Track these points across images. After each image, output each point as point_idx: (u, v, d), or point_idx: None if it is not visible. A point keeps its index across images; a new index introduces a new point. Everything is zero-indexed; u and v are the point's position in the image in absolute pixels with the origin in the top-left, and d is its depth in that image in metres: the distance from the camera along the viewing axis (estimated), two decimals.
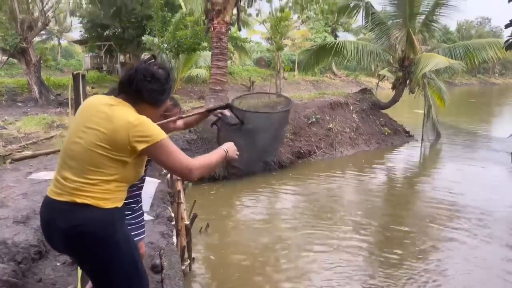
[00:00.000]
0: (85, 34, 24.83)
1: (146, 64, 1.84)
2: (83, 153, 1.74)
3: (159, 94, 1.85)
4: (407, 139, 12.79)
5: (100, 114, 1.76)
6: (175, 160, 1.79)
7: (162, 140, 1.75)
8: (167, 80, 1.87)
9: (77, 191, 1.72)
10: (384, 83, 29.49)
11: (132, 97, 1.82)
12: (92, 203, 1.72)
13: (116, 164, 1.74)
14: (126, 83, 1.82)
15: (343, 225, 5.91)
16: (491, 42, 12.83)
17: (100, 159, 1.72)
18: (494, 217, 6.28)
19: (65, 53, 41.26)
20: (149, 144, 1.71)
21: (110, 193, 1.76)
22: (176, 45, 16.81)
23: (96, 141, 1.72)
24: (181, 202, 4.10)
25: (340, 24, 39.28)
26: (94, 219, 1.73)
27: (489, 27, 66.83)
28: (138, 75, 1.80)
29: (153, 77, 1.81)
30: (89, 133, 1.74)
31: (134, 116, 1.74)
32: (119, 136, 1.70)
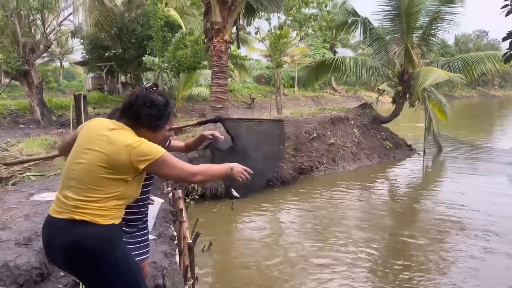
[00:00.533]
0: (87, 55, 25.14)
1: (147, 91, 1.97)
2: (85, 172, 1.81)
3: (157, 119, 1.96)
4: (409, 153, 12.76)
5: (102, 137, 1.84)
6: (177, 170, 1.89)
7: (162, 156, 1.85)
8: (166, 106, 1.99)
9: (76, 208, 1.79)
10: (384, 97, 29.57)
11: (132, 121, 1.92)
12: (89, 220, 1.78)
13: (116, 182, 1.82)
14: (126, 108, 1.94)
15: (348, 240, 5.85)
16: (489, 54, 12.93)
17: (101, 178, 1.80)
18: (499, 229, 6.21)
19: (67, 75, 41.74)
20: (151, 161, 1.81)
21: (108, 210, 1.82)
22: (177, 64, 16.98)
23: (98, 162, 1.80)
24: (184, 221, 4.07)
25: (339, 40, 39.70)
26: (91, 234, 1.78)
27: (487, 40, 67.46)
28: (138, 101, 1.92)
29: (152, 103, 1.93)
30: (91, 154, 1.83)
31: (133, 138, 1.85)
32: (120, 157, 1.80)
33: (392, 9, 12.45)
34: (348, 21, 13.50)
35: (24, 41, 15.11)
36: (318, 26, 17.91)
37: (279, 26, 18.69)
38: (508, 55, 4.41)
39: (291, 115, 12.96)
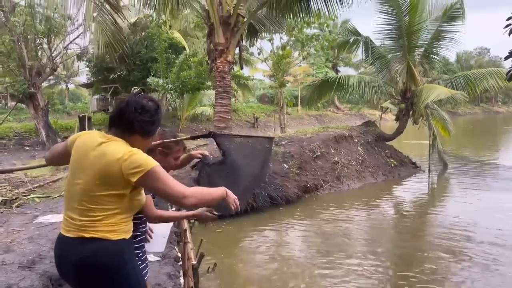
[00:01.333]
0: (92, 78, 25.48)
1: (137, 97, 1.93)
2: (83, 194, 1.81)
3: (149, 125, 1.92)
4: (414, 170, 12.69)
5: (92, 154, 1.83)
6: (168, 186, 1.81)
7: (154, 167, 1.79)
8: (157, 111, 1.95)
9: (84, 227, 1.80)
10: (387, 115, 29.68)
11: (123, 129, 1.89)
12: (100, 236, 1.79)
13: (113, 198, 1.80)
14: (117, 116, 1.91)
15: (355, 259, 5.76)
16: (491, 71, 12.98)
17: (98, 196, 1.79)
18: (507, 245, 6.11)
19: (72, 97, 42.22)
20: (143, 173, 1.76)
21: (116, 225, 1.82)
22: (181, 85, 17.17)
23: (93, 181, 1.79)
24: (188, 242, 4.04)
25: (341, 59, 40.10)
26: (103, 249, 1.79)
27: (489, 57, 67.90)
28: (129, 108, 1.87)
29: (143, 109, 1.89)
30: (86, 174, 1.82)
31: (124, 150, 1.80)
32: (112, 171, 1.77)
33: (393, 28, 12.59)
34: (350, 40, 13.65)
35: (30, 64, 15.37)
36: (320, 45, 18.15)
37: (281, 46, 18.94)
38: (511, 73, 4.43)
39: (295, 133, 12.97)
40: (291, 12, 9.00)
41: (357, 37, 13.43)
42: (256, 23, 10.92)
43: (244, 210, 7.73)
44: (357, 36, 13.45)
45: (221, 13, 9.18)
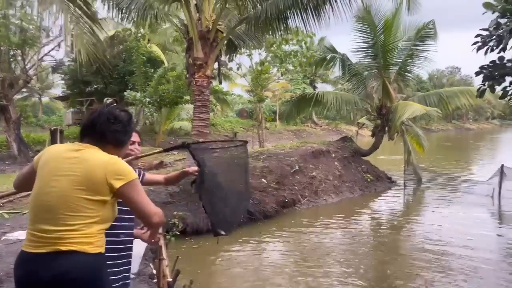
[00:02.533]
0: (67, 90, 25.01)
1: (109, 108, 1.95)
2: (59, 200, 1.73)
3: (121, 135, 1.94)
4: (390, 185, 12.89)
5: (70, 160, 1.78)
6: (144, 201, 1.81)
7: (136, 179, 1.83)
8: (129, 121, 1.98)
9: (60, 239, 1.69)
10: (364, 130, 30.11)
11: (96, 140, 1.87)
12: (77, 249, 1.70)
13: (95, 205, 1.75)
14: (89, 127, 1.90)
15: (333, 274, 5.75)
16: (463, 90, 13.47)
17: (78, 202, 1.73)
18: (480, 260, 6.24)
19: (46, 110, 41.29)
20: (125, 182, 1.77)
21: (93, 236, 1.75)
22: (159, 99, 17.04)
23: (72, 186, 1.73)
24: (163, 258, 3.94)
25: (318, 76, 40.74)
26: (81, 265, 1.70)
27: (460, 75, 70.40)
28: (101, 118, 1.89)
29: (116, 119, 1.91)
30: (62, 180, 1.75)
31: (107, 155, 1.82)
32: (95, 175, 1.75)
33: (369, 46, 12.92)
34: (327, 57, 13.90)
35: (3, 76, 14.97)
36: (298, 62, 18.40)
37: (260, 62, 19.10)
38: (482, 90, 4.58)
39: (273, 148, 13.02)
40: (270, 29, 9.10)
41: (334, 54, 13.70)
42: (235, 38, 10.99)
43: None
44: (334, 53, 13.72)
45: (200, 28, 9.20)
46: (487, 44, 4.17)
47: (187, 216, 7.45)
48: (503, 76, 4.35)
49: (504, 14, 3.95)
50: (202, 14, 9.29)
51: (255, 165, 9.90)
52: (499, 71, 4.31)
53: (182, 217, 7.34)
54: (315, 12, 8.32)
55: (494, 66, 4.36)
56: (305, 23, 8.60)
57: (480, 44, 4.21)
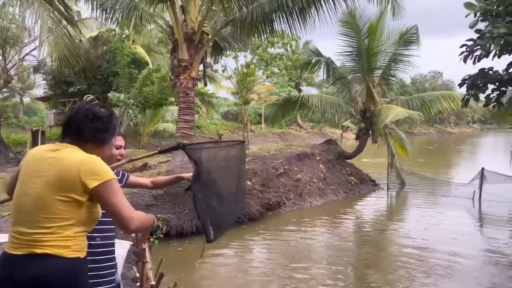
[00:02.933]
0: (49, 91, 24.57)
1: (88, 105, 1.87)
2: (35, 202, 1.68)
3: (101, 132, 1.85)
4: (373, 188, 13.02)
5: (47, 161, 1.73)
6: (122, 204, 1.72)
7: (113, 179, 1.73)
8: (110, 118, 1.88)
9: (36, 242, 1.65)
10: (348, 134, 30.43)
11: (75, 138, 1.80)
12: (53, 252, 1.64)
13: (69, 207, 1.68)
14: (68, 124, 1.83)
15: (317, 276, 5.77)
16: (445, 94, 13.70)
17: (52, 204, 1.67)
18: (461, 258, 6.40)
19: (27, 110, 40.52)
20: (100, 182, 1.68)
21: (70, 239, 1.69)
22: (143, 100, 16.88)
23: (46, 187, 1.68)
24: (147, 261, 3.89)
25: (303, 79, 40.99)
26: (56, 269, 1.64)
27: (441, 80, 71.72)
28: (79, 115, 1.81)
29: (95, 116, 1.82)
30: (38, 181, 1.71)
31: (85, 154, 1.75)
32: (69, 174, 1.68)
33: (354, 50, 13.05)
34: (312, 60, 14.00)
35: None
36: (283, 65, 18.48)
37: (246, 64, 19.11)
38: (466, 99, 4.69)
39: (258, 151, 13.02)
40: (255, 31, 9.12)
41: (319, 57, 13.79)
42: (221, 40, 10.97)
43: None
44: (319, 56, 13.81)
45: (186, 30, 9.16)
46: (473, 53, 4.27)
47: (171, 218, 7.39)
48: (486, 84, 4.47)
49: (485, 16, 4.04)
50: (187, 15, 9.25)
51: None
52: (482, 79, 4.42)
53: (166, 220, 7.27)
54: (300, 15, 8.38)
55: (477, 75, 4.47)
56: (291, 26, 8.65)
57: (466, 54, 4.30)
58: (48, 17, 6.94)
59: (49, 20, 7.00)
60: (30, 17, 7.34)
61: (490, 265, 6.31)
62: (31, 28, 15.69)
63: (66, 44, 7.21)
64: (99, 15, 9.56)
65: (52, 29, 7.08)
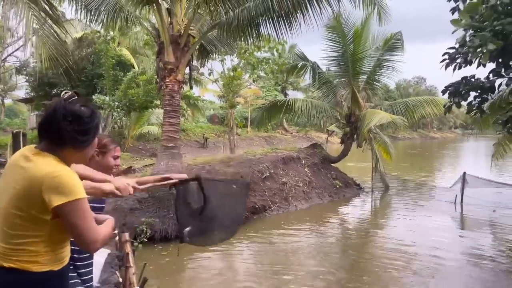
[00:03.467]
0: (32, 93, 24.15)
1: (66, 103, 1.63)
2: (3, 216, 1.57)
3: (82, 134, 1.63)
4: (358, 192, 13.12)
5: (17, 170, 1.58)
6: (89, 227, 1.57)
7: (83, 199, 1.56)
8: (91, 118, 1.66)
9: (5, 256, 1.56)
10: (333, 138, 30.65)
11: (52, 141, 1.61)
12: (19, 267, 1.54)
13: (29, 223, 1.54)
14: (44, 125, 1.62)
15: (302, 279, 5.78)
16: (428, 99, 13.93)
17: (15, 219, 1.54)
18: (443, 260, 6.49)
19: (9, 112, 39.74)
20: (66, 200, 1.50)
21: (40, 255, 1.57)
22: (128, 103, 16.72)
23: (10, 201, 1.55)
24: (130, 266, 3.84)
25: (289, 83, 41.18)
26: (22, 282, 1.55)
27: (425, 86, 72.91)
28: (56, 115, 1.58)
29: (74, 116, 1.60)
30: (6, 193, 1.58)
31: (54, 166, 1.55)
32: (32, 188, 1.51)
33: (339, 55, 13.18)
34: (298, 65, 14.08)
35: None
36: (270, 69, 18.55)
37: (232, 68, 19.11)
38: (449, 106, 4.79)
39: (244, 154, 13.01)
40: (242, 35, 9.14)
41: (305, 62, 13.89)
42: (208, 44, 10.96)
43: None
44: (305, 61, 13.91)
45: (172, 32, 9.12)
46: (454, 61, 4.36)
47: (155, 222, 7.32)
48: (468, 92, 4.57)
49: (475, 31, 4.11)
50: (173, 18, 9.22)
51: (226, 171, 9.85)
52: (464, 87, 4.52)
53: (150, 224, 7.20)
54: (286, 20, 8.43)
55: (459, 83, 4.58)
56: (277, 30, 8.70)
57: (448, 61, 4.40)
58: (33, 17, 6.83)
59: (34, 20, 6.88)
60: (14, 17, 7.22)
61: (472, 267, 6.42)
62: (14, 29, 15.44)
63: (53, 43, 7.10)
64: (84, 16, 9.47)
65: (37, 29, 6.96)
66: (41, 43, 6.90)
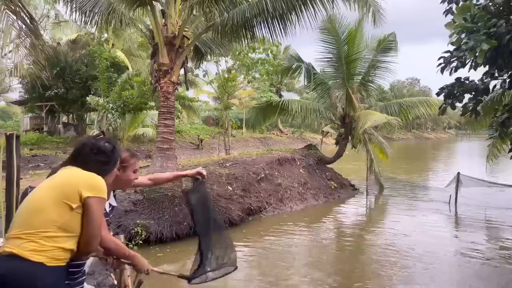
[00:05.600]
0: (25, 95, 23.99)
1: (93, 139, 2.10)
2: (32, 205, 1.89)
3: (104, 164, 2.07)
4: (353, 193, 13.16)
5: (57, 175, 1.99)
6: (100, 222, 1.95)
7: (105, 199, 1.97)
8: (113, 151, 2.11)
9: (7, 243, 1.80)
10: (328, 139, 30.75)
11: (81, 168, 2.00)
12: (17, 253, 1.74)
13: (59, 208, 1.84)
14: (73, 156, 2.05)
15: (298, 281, 5.78)
16: (422, 100, 14.01)
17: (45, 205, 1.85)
18: (438, 259, 6.55)
19: (2, 114, 39.46)
20: (97, 195, 1.91)
21: (41, 246, 1.78)
22: (122, 104, 16.66)
23: (46, 189, 1.90)
24: (125, 268, 3.83)
25: (284, 84, 41.25)
26: (14, 269, 1.71)
27: (419, 86, 73.37)
28: (85, 149, 2.04)
29: (99, 150, 2.05)
30: (42, 188, 1.92)
31: (88, 173, 1.97)
32: (71, 183, 1.90)
33: (334, 56, 13.22)
34: (293, 66, 14.12)
35: None
36: (264, 70, 18.59)
37: (227, 69, 19.12)
38: (443, 107, 4.81)
39: (239, 155, 13.01)
40: (236, 37, 9.14)
41: (299, 63, 13.92)
42: (202, 45, 10.96)
43: (186, 234, 7.54)
44: (299, 62, 13.94)
45: (166, 34, 9.11)
46: (450, 64, 4.39)
47: (150, 224, 7.29)
48: (463, 94, 4.60)
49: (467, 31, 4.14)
50: (168, 19, 9.21)
51: (221, 172, 9.85)
52: (458, 89, 4.55)
53: (145, 226, 7.18)
54: (281, 21, 8.45)
55: (454, 85, 4.61)
56: (272, 32, 8.72)
57: (444, 65, 4.43)
58: (10, 26, 6.74)
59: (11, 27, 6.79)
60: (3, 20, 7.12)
61: (467, 265, 6.45)
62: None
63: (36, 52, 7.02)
64: (78, 18, 9.42)
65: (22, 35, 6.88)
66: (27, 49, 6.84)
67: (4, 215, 3.77)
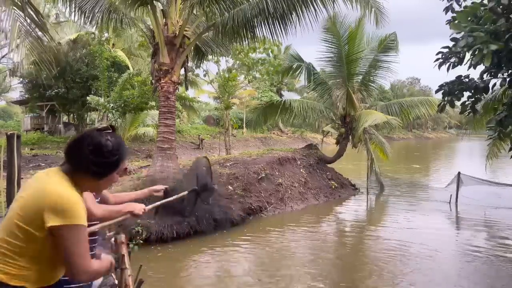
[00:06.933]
0: (26, 95, 24.02)
1: (95, 133, 1.68)
2: (8, 222, 1.62)
3: (97, 166, 1.64)
4: (353, 192, 13.15)
5: (33, 183, 1.65)
6: (82, 255, 1.55)
7: (81, 226, 1.54)
8: (111, 153, 1.67)
9: None
10: (328, 138, 30.75)
11: (71, 163, 1.67)
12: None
13: (27, 238, 1.54)
14: (68, 151, 1.68)
15: (300, 281, 5.78)
16: (422, 100, 14.00)
17: (15, 229, 1.57)
18: (438, 258, 6.57)
19: (3, 114, 39.50)
20: (64, 223, 1.50)
21: (25, 269, 1.56)
22: (123, 104, 16.66)
23: (17, 208, 1.59)
24: (126, 268, 3.82)
25: (285, 84, 41.24)
26: None
27: (419, 86, 73.28)
28: (81, 144, 1.65)
29: (97, 147, 1.64)
30: (17, 201, 1.63)
31: (63, 188, 1.58)
32: (36, 201, 1.55)
33: (334, 56, 13.21)
34: (293, 66, 14.10)
35: None
36: (265, 70, 18.58)
37: (227, 69, 19.11)
38: (442, 105, 4.80)
39: (240, 155, 13.01)
40: (237, 36, 9.14)
41: (300, 63, 13.91)
42: (203, 45, 10.95)
43: (187, 233, 7.55)
44: (300, 62, 13.93)
45: (167, 34, 9.11)
46: (448, 61, 4.38)
47: (151, 224, 7.30)
48: (462, 92, 4.59)
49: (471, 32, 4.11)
50: (168, 19, 9.21)
51: (222, 172, 9.85)
52: (458, 87, 4.54)
53: (145, 225, 7.18)
54: (281, 21, 8.45)
55: (453, 82, 4.59)
56: (272, 32, 8.72)
57: (441, 61, 4.41)
58: (19, 23, 6.78)
59: (21, 25, 6.83)
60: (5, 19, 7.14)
61: (467, 264, 6.45)
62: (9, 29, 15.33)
63: (37, 49, 7.04)
64: (78, 17, 9.43)
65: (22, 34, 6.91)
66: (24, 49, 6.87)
67: (5, 215, 3.77)
